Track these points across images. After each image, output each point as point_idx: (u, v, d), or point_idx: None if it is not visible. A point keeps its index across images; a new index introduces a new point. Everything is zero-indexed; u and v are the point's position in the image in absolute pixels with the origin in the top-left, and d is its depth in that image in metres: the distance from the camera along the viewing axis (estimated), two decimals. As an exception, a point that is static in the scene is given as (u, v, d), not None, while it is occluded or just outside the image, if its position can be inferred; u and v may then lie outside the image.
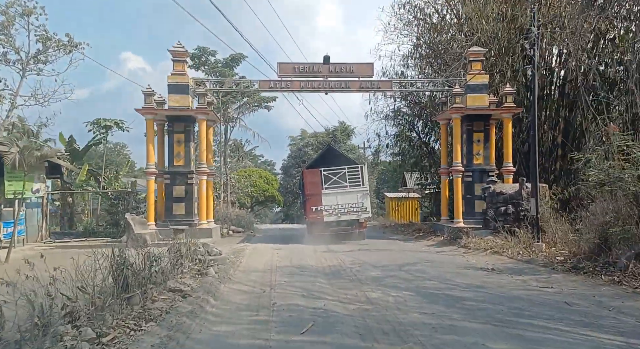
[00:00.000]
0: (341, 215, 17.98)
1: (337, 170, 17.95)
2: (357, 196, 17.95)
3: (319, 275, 10.43)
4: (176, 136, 19.14)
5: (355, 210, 18.01)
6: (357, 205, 17.97)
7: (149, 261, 7.74)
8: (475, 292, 8.20)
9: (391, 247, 16.61)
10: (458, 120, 18.63)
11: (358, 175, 18.01)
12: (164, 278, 8.41)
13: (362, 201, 18.03)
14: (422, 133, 27.64)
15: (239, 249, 15.70)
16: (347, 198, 17.86)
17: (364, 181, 18.05)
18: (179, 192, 18.95)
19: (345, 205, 17.87)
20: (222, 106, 35.49)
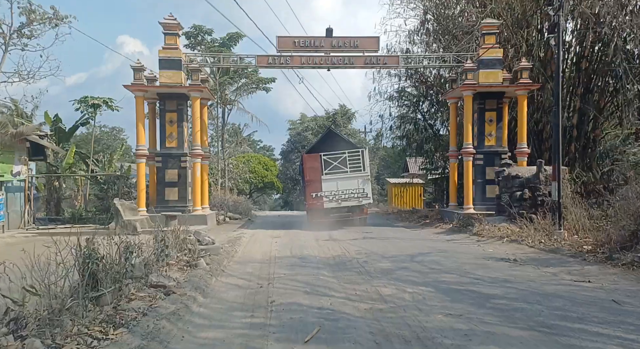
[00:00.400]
0: (342, 201, 17.43)
1: (338, 154, 17.39)
2: (357, 182, 17.41)
3: (323, 266, 9.37)
4: (168, 116, 17.96)
5: (356, 195, 17.45)
6: (357, 190, 17.42)
7: (126, 252, 6.65)
8: (504, 288, 7.14)
9: (398, 235, 15.57)
10: (470, 98, 17.43)
11: (359, 160, 17.44)
12: (147, 271, 7.35)
13: (363, 186, 17.48)
14: (427, 115, 26.44)
15: (235, 237, 14.64)
16: (348, 183, 17.31)
17: (364, 166, 17.50)
18: (172, 176, 17.83)
19: (346, 190, 17.33)
20: (219, 88, 34.26)
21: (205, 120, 19.46)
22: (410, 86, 25.38)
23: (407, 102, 26.44)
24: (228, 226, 18.85)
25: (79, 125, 20.16)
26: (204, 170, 19.37)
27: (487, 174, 17.62)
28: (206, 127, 19.65)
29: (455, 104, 19.40)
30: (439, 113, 25.45)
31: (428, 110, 26.50)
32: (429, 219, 19.90)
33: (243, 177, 39.88)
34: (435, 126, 26.30)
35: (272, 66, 18.43)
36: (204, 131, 19.42)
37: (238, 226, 19.35)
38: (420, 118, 26.53)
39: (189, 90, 17.38)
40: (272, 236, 15.38)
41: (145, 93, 17.33)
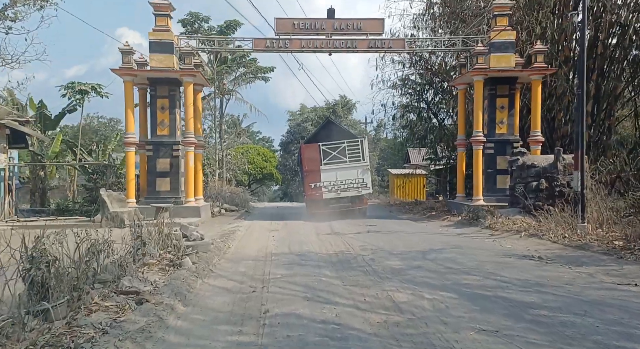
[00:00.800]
0: (341, 191, 16.99)
1: (337, 144, 16.93)
2: (357, 172, 16.96)
3: (325, 264, 8.25)
4: (159, 102, 16.74)
5: (356, 186, 17.00)
6: (357, 180, 16.98)
7: (90, 253, 5.51)
8: (539, 293, 6.01)
9: (404, 228, 14.44)
10: (480, 83, 16.22)
11: (358, 150, 16.99)
12: (120, 273, 6.23)
13: (363, 176, 17.03)
14: (431, 104, 25.23)
15: (229, 230, 13.51)
16: (347, 173, 16.87)
17: (364, 156, 17.05)
18: (163, 165, 16.66)
19: (345, 180, 16.87)
20: (217, 77, 33.04)
21: (199, 106, 18.26)
22: (415, 73, 24.17)
23: (410, 91, 25.22)
24: (223, 219, 17.72)
25: (65, 113, 18.95)
26: (198, 160, 18.20)
27: (498, 164, 16.48)
28: (200, 114, 18.45)
29: (464, 91, 18.19)
30: (444, 101, 24.25)
31: (432, 98, 25.31)
32: (435, 211, 18.77)
33: (242, 168, 38.80)
34: (440, 115, 25.10)
35: (270, 50, 17.18)
36: (198, 118, 18.21)
37: (234, 218, 18.22)
38: (424, 107, 25.33)
39: (181, 74, 16.15)
40: (270, 229, 14.27)
41: (135, 77, 16.10)
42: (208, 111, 40.21)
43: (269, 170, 49.56)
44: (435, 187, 30.53)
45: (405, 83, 25.12)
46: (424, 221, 16.76)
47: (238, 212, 20.79)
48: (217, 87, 33.91)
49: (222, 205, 20.46)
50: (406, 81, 25.15)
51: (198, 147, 17.97)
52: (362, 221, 16.41)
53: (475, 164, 16.47)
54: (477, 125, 16.32)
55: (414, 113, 25.65)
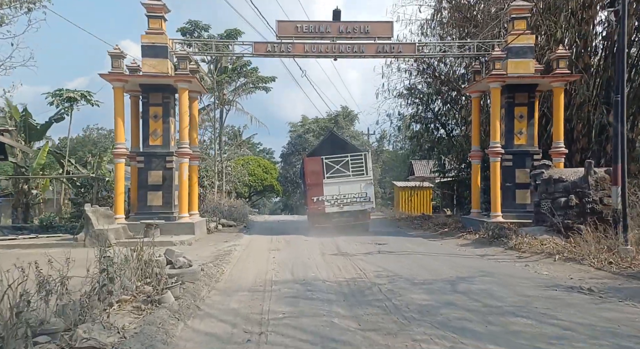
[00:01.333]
0: (344, 205, 16.56)
1: (340, 158, 16.57)
2: (360, 186, 16.58)
3: (335, 298, 6.82)
4: (152, 110, 15.42)
5: (359, 200, 16.58)
6: (360, 195, 16.57)
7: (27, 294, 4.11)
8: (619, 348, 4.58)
9: (418, 248, 13.00)
10: (497, 90, 14.91)
11: (361, 163, 16.65)
12: (79, 317, 4.82)
13: (366, 191, 16.62)
14: (439, 114, 23.94)
15: (224, 251, 12.08)
16: (350, 187, 16.50)
17: (367, 169, 16.71)
18: (155, 178, 15.28)
19: (348, 194, 16.48)
20: (217, 87, 31.93)
21: (195, 115, 16.94)
22: (422, 82, 22.89)
23: (417, 101, 23.95)
24: (220, 236, 16.28)
25: (52, 122, 17.62)
26: (194, 172, 16.83)
27: (517, 177, 15.11)
28: (196, 123, 17.13)
29: (479, 99, 16.87)
30: (453, 112, 22.97)
31: (440, 108, 24.03)
32: (447, 227, 17.32)
33: (242, 180, 37.50)
34: (448, 126, 23.79)
35: (271, 54, 15.91)
36: (194, 128, 16.89)
37: (232, 234, 16.78)
38: (431, 117, 24.04)
39: (176, 80, 14.86)
40: (270, 249, 12.83)
41: (125, 83, 14.80)
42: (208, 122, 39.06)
43: (270, 181, 48.48)
44: (442, 201, 29.13)
45: (412, 93, 23.89)
46: (437, 239, 15.31)
47: (236, 227, 19.36)
48: (217, 98, 32.82)
49: (219, 220, 19.04)
50: (413, 90, 23.92)
51: (193, 158, 16.61)
52: (371, 239, 15.01)
53: (492, 177, 15.08)
54: (495, 135, 14.97)
55: (421, 123, 24.39)
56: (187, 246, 13.37)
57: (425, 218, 22.57)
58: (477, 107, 16.82)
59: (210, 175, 29.46)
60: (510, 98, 15.24)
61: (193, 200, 16.69)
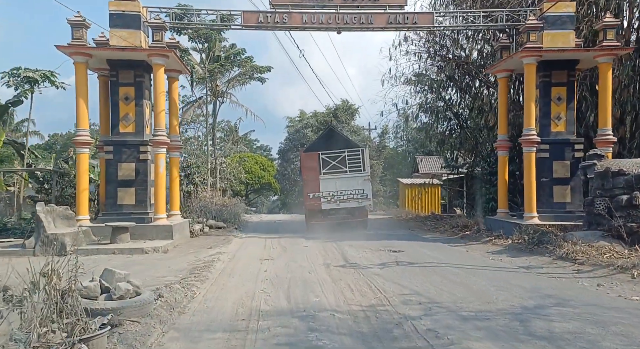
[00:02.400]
0: (340, 202, 16.01)
1: (336, 153, 16.04)
2: (357, 182, 16.05)
3: (352, 344, 4.39)
4: (123, 91, 12.94)
5: (356, 196, 16.05)
6: (357, 191, 16.03)
7: None
8: None
9: (441, 256, 10.56)
10: (532, 67, 12.46)
11: (359, 159, 16.11)
12: None
13: (363, 187, 16.10)
14: (452, 103, 21.50)
15: (205, 261, 9.62)
16: (347, 183, 16.00)
17: (365, 165, 16.20)
18: (127, 172, 12.81)
19: (345, 191, 15.98)
20: (209, 78, 29.54)
21: (175, 99, 14.43)
22: (433, 66, 20.40)
23: (426, 88, 21.48)
24: (204, 240, 13.80)
25: (9, 106, 15.15)
26: (174, 165, 14.37)
27: (555, 171, 12.71)
28: (177, 107, 14.60)
29: (506, 80, 14.42)
30: (467, 100, 20.51)
31: (452, 97, 21.58)
32: (468, 230, 14.88)
33: (237, 177, 35.14)
34: (462, 116, 21.36)
35: (264, 26, 13.42)
36: (174, 113, 14.40)
37: (219, 238, 14.32)
38: (443, 106, 21.60)
39: (149, 54, 12.36)
40: (261, 258, 10.38)
41: (89, 58, 12.30)
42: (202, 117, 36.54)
43: (267, 179, 46.31)
44: (452, 200, 26.70)
45: (421, 79, 21.42)
46: (459, 245, 12.87)
47: (226, 230, 16.88)
48: (209, 89, 30.44)
49: (206, 221, 16.56)
50: (422, 77, 21.45)
51: (174, 149, 14.16)
52: (382, 244, 12.58)
53: (526, 171, 12.64)
54: (529, 121, 12.52)
55: (430, 113, 21.94)
56: (161, 254, 10.91)
57: (437, 219, 20.17)
58: (505, 90, 14.37)
59: (202, 171, 27.05)
60: (546, 77, 12.82)
61: (173, 198, 14.23)
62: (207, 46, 30.17)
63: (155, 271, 8.61)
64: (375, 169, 40.39)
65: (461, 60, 18.46)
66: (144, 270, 8.81)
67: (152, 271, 8.59)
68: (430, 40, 19.19)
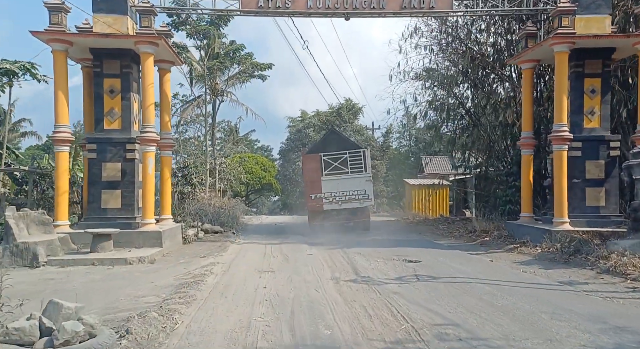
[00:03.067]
0: (342, 203, 16.10)
1: (338, 155, 16.17)
2: (359, 183, 16.09)
3: None
4: (107, 83, 11.63)
5: (357, 197, 16.12)
6: (359, 192, 16.08)
7: None
8: None
9: (465, 268, 9.23)
10: (564, 56, 11.12)
11: (360, 161, 16.18)
12: None
13: (365, 188, 16.14)
14: (464, 99, 20.19)
15: (195, 275, 8.31)
16: (349, 184, 16.05)
17: (366, 166, 16.26)
18: (112, 173, 11.50)
19: (347, 191, 16.05)
20: (209, 76, 28.33)
21: (167, 92, 13.10)
22: (445, 59, 19.07)
23: (436, 83, 20.16)
24: (198, 247, 12.47)
25: (-16, 99, 13.94)
26: (166, 165, 13.06)
27: (588, 171, 11.39)
28: (169, 102, 13.26)
29: (532, 71, 13.08)
30: (480, 95, 19.19)
31: (463, 93, 20.27)
32: (487, 235, 13.54)
33: (237, 178, 33.91)
34: (475, 112, 20.05)
35: (264, 11, 12.09)
36: (166, 108, 13.09)
37: (215, 245, 13.00)
38: (454, 103, 20.28)
39: (137, 42, 11.04)
40: (260, 270, 9.07)
41: (70, 46, 10.98)
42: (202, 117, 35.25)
43: (268, 180, 45.16)
44: (461, 201, 25.33)
45: (431, 75, 20.10)
46: (480, 252, 11.52)
47: (223, 234, 15.56)
48: (209, 87, 29.23)
49: (201, 225, 15.24)
50: (432, 72, 20.13)
51: (165, 147, 12.86)
52: (395, 252, 11.27)
53: (556, 172, 11.30)
54: (560, 115, 11.18)
55: (441, 111, 20.62)
56: (146, 265, 9.60)
57: (448, 222, 18.84)
58: (530, 82, 13.04)
59: (200, 171, 25.80)
60: (578, 67, 11.50)
61: (165, 201, 12.92)
62: (205, 43, 28.94)
63: (135, 289, 7.30)
64: (378, 169, 39.08)
65: (475, 53, 17.11)
66: (123, 286, 7.51)
67: (131, 289, 7.28)
68: (442, 31, 17.89)
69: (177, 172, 25.64)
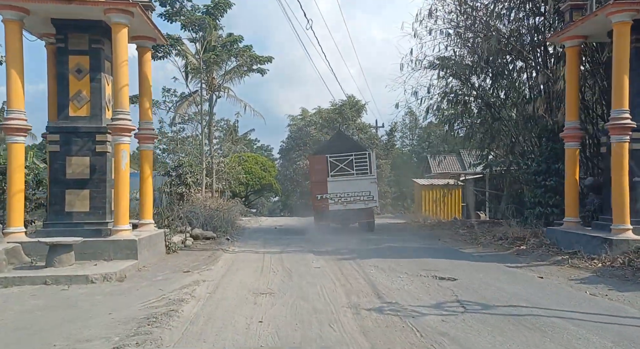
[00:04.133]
0: (347, 203, 16.24)
1: (344, 156, 16.42)
2: (364, 184, 16.27)
3: None
4: (74, 61, 9.59)
5: (362, 198, 16.29)
6: (364, 193, 16.25)
7: None
8: None
9: (516, 290, 7.20)
10: (625, 27, 9.09)
11: (365, 162, 16.41)
12: None
13: (369, 189, 16.32)
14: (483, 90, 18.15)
15: (169, 301, 6.28)
16: (354, 185, 16.24)
17: (371, 168, 16.49)
18: (79, 169, 9.47)
19: (352, 192, 16.22)
20: (205, 70, 26.45)
21: (147, 74, 11.00)
22: (465, 44, 17.04)
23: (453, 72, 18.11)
24: (183, 258, 10.41)
25: None
26: (146, 160, 11.02)
27: (655, 168, 9.32)
28: (150, 86, 11.10)
29: (577, 50, 11.02)
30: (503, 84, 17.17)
31: (482, 84, 18.23)
32: (523, 243, 11.50)
33: (236, 177, 31.98)
34: (495, 104, 18.05)
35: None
36: (146, 93, 11.01)
37: (204, 254, 10.96)
38: (472, 93, 18.26)
39: (107, 10, 8.96)
40: (257, 291, 7.04)
41: (26, 15, 8.94)
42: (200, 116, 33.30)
43: (268, 180, 43.38)
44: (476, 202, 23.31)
45: (447, 63, 18.04)
46: (521, 265, 9.47)
47: (216, 240, 13.53)
48: (205, 82, 27.35)
49: (191, 230, 13.21)
50: (447, 60, 18.06)
51: (145, 139, 10.82)
52: (419, 265, 9.25)
53: (615, 168, 9.25)
54: (619, 100, 9.15)
55: (456, 103, 18.61)
56: (113, 284, 7.56)
57: (467, 226, 16.84)
58: (575, 62, 10.96)
59: (196, 171, 23.87)
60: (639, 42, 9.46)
61: (145, 204, 10.89)
62: (201, 35, 26.92)
63: (84, 324, 5.28)
64: (383, 169, 37.06)
65: (501, 36, 15.05)
66: (69, 319, 5.49)
67: (77, 325, 5.26)
68: (462, 11, 15.88)
69: (171, 171, 23.82)
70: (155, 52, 21.43)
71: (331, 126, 39.68)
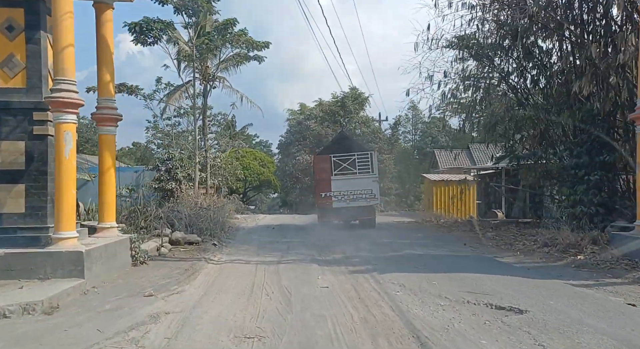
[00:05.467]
0: (350, 201, 16.44)
1: (347, 156, 16.72)
2: (366, 183, 16.50)
3: None
4: (3, 15, 7.17)
5: (364, 196, 16.50)
6: (366, 191, 16.46)
7: None
8: None
9: (613, 329, 4.84)
10: None
11: (368, 162, 16.69)
12: None
13: (371, 187, 16.59)
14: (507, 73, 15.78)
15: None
16: (356, 184, 16.46)
17: (373, 168, 16.73)
18: (10, 157, 7.08)
19: (354, 191, 16.43)
20: (198, 57, 24.11)
21: (107, 38, 8.49)
22: (493, 19, 14.62)
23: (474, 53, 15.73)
24: (152, 272, 8.01)
25: None
26: (106, 146, 8.58)
27: None
28: (111, 54, 8.61)
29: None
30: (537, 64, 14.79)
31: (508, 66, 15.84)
32: (578, 251, 9.12)
33: (233, 174, 29.73)
34: (523, 89, 15.63)
35: None
36: (106, 61, 8.50)
37: (181, 266, 8.58)
38: (497, 77, 15.91)
39: (43, -58, 6.54)
40: (239, 334, 4.65)
41: None
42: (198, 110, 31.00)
43: (267, 176, 41.40)
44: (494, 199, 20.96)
45: (467, 44, 15.62)
46: (593, 284, 7.10)
47: (200, 246, 11.13)
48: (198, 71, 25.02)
49: (170, 234, 10.80)
50: (466, 40, 15.63)
51: (105, 120, 8.41)
52: (461, 286, 6.88)
53: None
54: None
55: (476, 88, 16.25)
56: (37, 319, 5.19)
57: (492, 227, 14.51)
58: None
59: (187, 165, 21.58)
60: None
61: (106, 202, 8.46)
62: (195, 20, 24.46)
63: None
64: (386, 164, 34.74)
65: (540, 8, 12.56)
66: None
67: None
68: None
69: (159, 165, 21.61)
70: (145, 37, 19.11)
71: (332, 119, 37.34)
